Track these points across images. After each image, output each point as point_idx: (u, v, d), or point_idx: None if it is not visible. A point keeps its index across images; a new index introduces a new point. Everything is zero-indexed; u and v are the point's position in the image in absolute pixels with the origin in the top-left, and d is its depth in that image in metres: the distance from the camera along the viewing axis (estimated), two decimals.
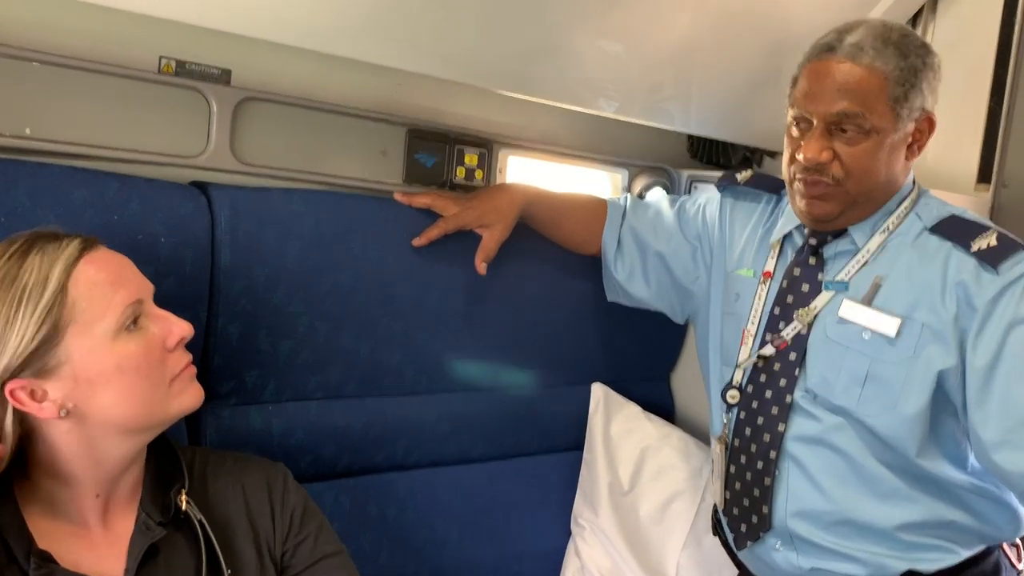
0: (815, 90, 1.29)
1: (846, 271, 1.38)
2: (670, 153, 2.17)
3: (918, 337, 1.30)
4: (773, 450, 1.40)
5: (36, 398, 0.94)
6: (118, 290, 0.97)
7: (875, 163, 1.30)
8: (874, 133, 1.28)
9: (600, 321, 1.88)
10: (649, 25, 1.65)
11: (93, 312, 0.95)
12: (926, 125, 1.34)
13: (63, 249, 0.96)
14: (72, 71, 1.29)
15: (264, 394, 1.47)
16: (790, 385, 1.39)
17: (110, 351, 0.96)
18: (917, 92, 1.29)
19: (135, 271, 1.03)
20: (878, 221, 1.38)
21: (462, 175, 1.72)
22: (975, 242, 1.29)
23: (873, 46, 1.27)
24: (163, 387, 1.01)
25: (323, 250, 1.47)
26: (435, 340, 1.64)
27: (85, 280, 0.95)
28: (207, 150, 1.43)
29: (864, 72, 1.26)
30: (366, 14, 1.37)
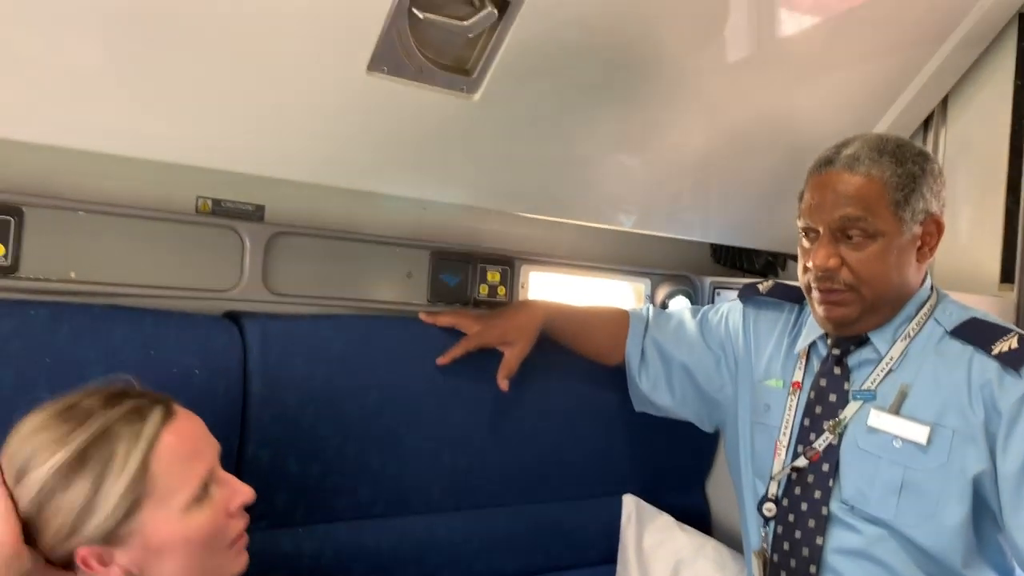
0: (818, 201, 1.35)
1: (871, 379, 1.39)
2: (693, 260, 2.21)
3: (950, 443, 1.29)
4: (813, 564, 1.38)
5: (103, 563, 0.96)
6: (195, 464, 1.01)
7: (884, 267, 1.33)
8: (879, 236, 1.32)
9: (629, 431, 1.89)
10: (665, 140, 1.72)
11: (171, 486, 0.98)
12: (934, 228, 1.38)
13: (147, 420, 0.98)
14: (114, 217, 1.39)
15: (294, 517, 1.50)
16: (825, 496, 1.38)
17: (181, 523, 0.98)
18: (918, 196, 1.33)
19: (208, 436, 1.06)
20: (899, 327, 1.39)
21: (485, 292, 1.78)
22: (996, 345, 1.30)
23: (869, 156, 1.34)
24: (221, 552, 1.04)
25: (350, 373, 1.52)
26: (462, 457, 1.66)
27: (166, 454, 0.98)
28: (241, 283, 1.51)
29: (862, 180, 1.32)
30: (389, 152, 1.46)
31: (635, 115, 1.64)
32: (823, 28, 1.62)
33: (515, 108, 1.49)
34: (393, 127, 1.41)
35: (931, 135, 1.97)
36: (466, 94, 1.41)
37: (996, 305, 1.77)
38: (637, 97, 1.59)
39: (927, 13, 1.74)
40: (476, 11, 1.30)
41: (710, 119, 1.73)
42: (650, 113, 1.64)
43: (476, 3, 1.31)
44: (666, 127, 1.69)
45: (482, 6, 1.30)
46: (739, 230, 2.05)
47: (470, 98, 1.41)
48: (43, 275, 1.32)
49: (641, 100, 1.60)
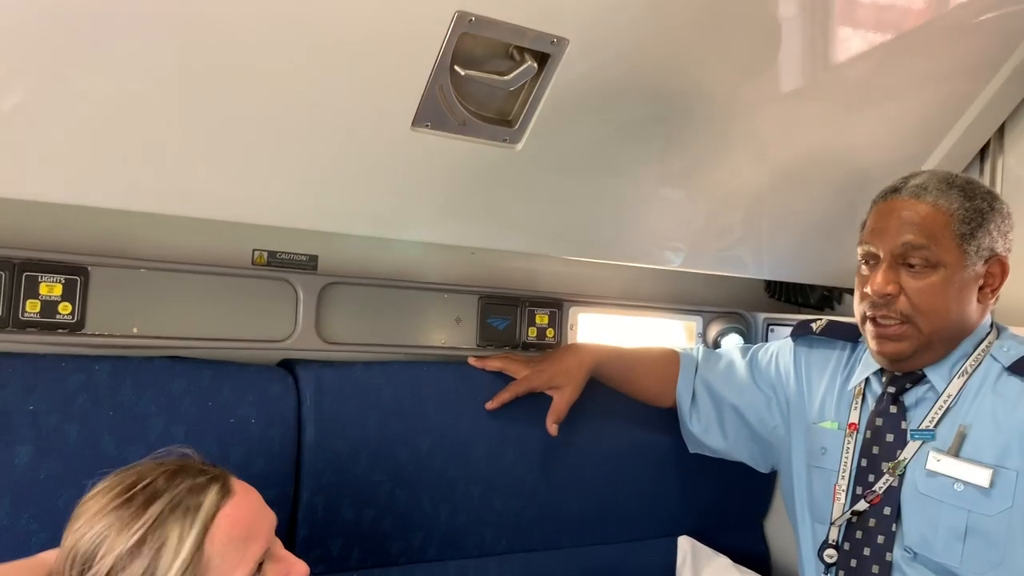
0: (881, 226, 1.35)
1: (930, 419, 1.36)
2: (746, 296, 2.19)
3: (1014, 485, 1.26)
4: None
5: None
6: (250, 545, 0.99)
7: (943, 299, 1.31)
8: (941, 267, 1.30)
9: (683, 470, 1.87)
10: (712, 175, 1.72)
11: (225, 569, 0.96)
12: (998, 269, 1.35)
13: (204, 500, 0.97)
14: (174, 272, 1.45)
15: (349, 562, 1.52)
16: (889, 542, 1.35)
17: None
18: (985, 233, 1.31)
19: (265, 512, 1.04)
20: (956, 364, 1.36)
21: (534, 335, 1.80)
22: None
23: (937, 187, 1.33)
24: None
25: (402, 419, 1.55)
26: (514, 500, 1.67)
27: (221, 537, 0.97)
28: (295, 332, 1.56)
29: (928, 208, 1.31)
30: (436, 203, 1.50)
31: (680, 152, 1.64)
32: (874, 58, 1.60)
33: (559, 154, 1.51)
34: (438, 179, 1.45)
35: (987, 166, 1.92)
36: (509, 144, 1.43)
37: None
38: (682, 133, 1.60)
39: (981, 40, 1.71)
40: (517, 65, 1.33)
41: (759, 153, 1.72)
42: (696, 149, 1.65)
43: (516, 57, 1.33)
44: (712, 163, 1.69)
45: (522, 60, 1.32)
46: (792, 265, 2.02)
47: (513, 148, 1.44)
48: (107, 331, 1.39)
49: (686, 136, 1.61)
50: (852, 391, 1.48)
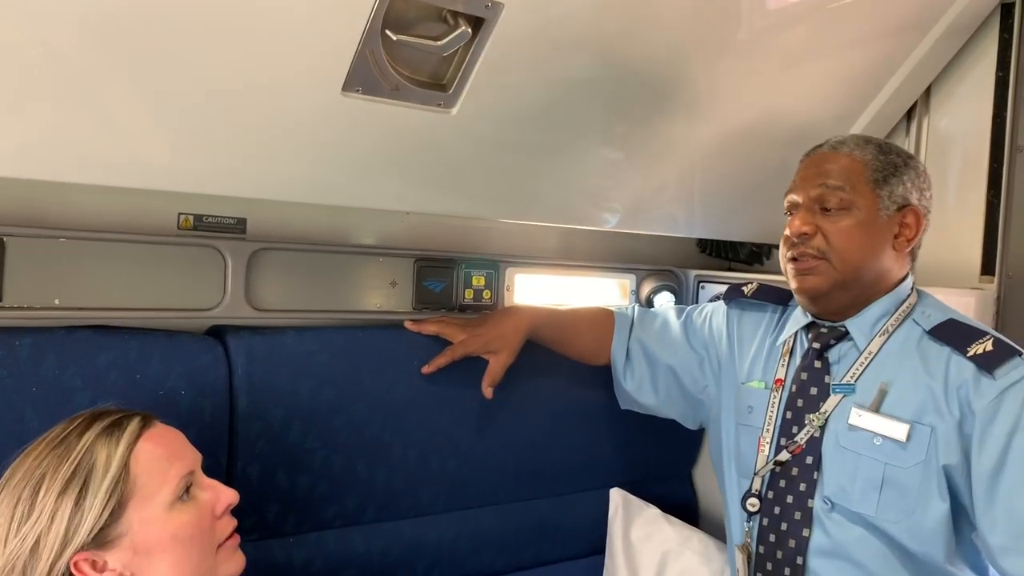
0: (803, 177, 1.45)
1: (851, 374, 1.42)
2: (678, 252, 2.22)
3: (928, 441, 1.32)
4: (800, 556, 1.41)
5: (97, 568, 1.00)
6: (173, 464, 1.06)
7: (857, 239, 1.38)
8: (855, 209, 1.38)
9: (615, 426, 1.91)
10: (647, 139, 1.72)
11: (152, 486, 1.03)
12: (912, 219, 1.41)
13: (125, 429, 1.04)
14: (96, 241, 1.40)
15: (285, 527, 1.53)
16: (810, 490, 1.41)
17: (167, 521, 1.03)
18: (899, 182, 1.39)
19: (187, 444, 1.11)
20: (877, 322, 1.42)
21: (471, 296, 1.80)
22: (972, 347, 1.33)
23: (855, 142, 1.43)
24: (211, 554, 1.09)
25: (336, 385, 1.54)
26: (449, 461, 1.69)
27: (145, 456, 1.03)
28: (224, 300, 1.52)
29: (846, 157, 1.42)
30: (369, 168, 1.47)
31: (615, 115, 1.64)
32: (805, 20, 1.61)
33: (495, 118, 1.49)
34: (371, 144, 1.42)
35: (914, 125, 1.97)
36: (444, 108, 1.41)
37: (977, 297, 1.78)
38: (617, 97, 1.59)
39: (911, 3, 1.73)
40: (450, 30, 1.30)
41: (694, 115, 1.72)
42: (631, 112, 1.64)
43: (450, 22, 1.30)
44: (647, 126, 1.69)
45: (456, 25, 1.29)
46: (723, 224, 2.06)
47: (448, 112, 1.42)
48: (27, 303, 1.34)
49: (621, 100, 1.60)
50: (780, 348, 1.53)
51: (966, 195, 1.88)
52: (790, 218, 1.44)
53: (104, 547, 1.00)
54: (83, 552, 0.99)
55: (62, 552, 0.97)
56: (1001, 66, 1.82)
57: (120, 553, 1.01)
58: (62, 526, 0.97)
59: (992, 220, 1.83)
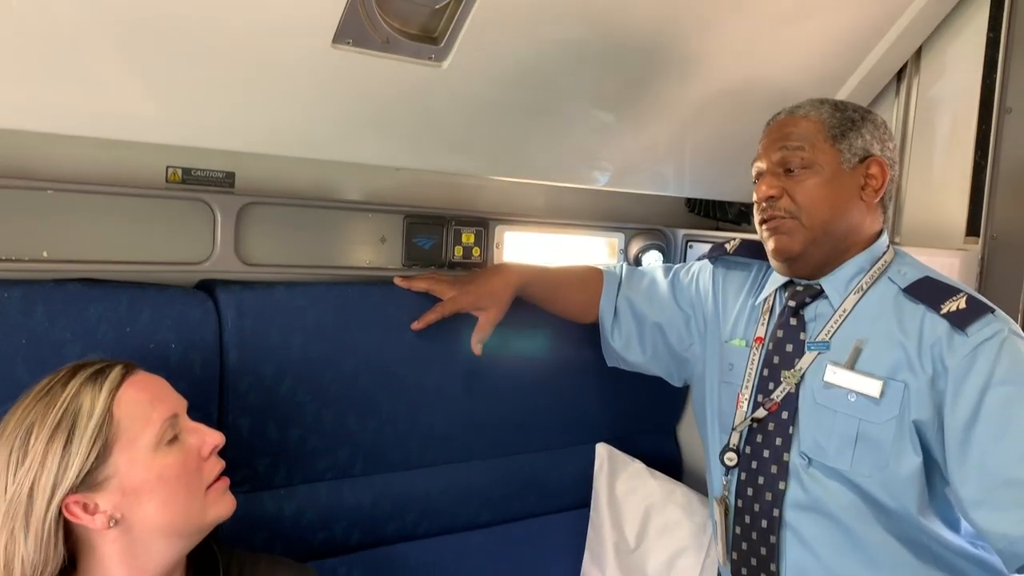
0: (764, 144, 1.48)
1: (826, 331, 1.44)
2: (667, 212, 2.23)
3: (901, 397, 1.34)
4: (776, 508, 1.44)
5: (89, 511, 1.04)
6: (156, 407, 1.08)
7: (822, 195, 1.41)
8: (817, 166, 1.41)
9: (602, 382, 1.93)
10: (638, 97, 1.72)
11: (135, 429, 1.06)
12: (877, 170, 1.43)
13: (107, 376, 1.07)
14: (84, 194, 1.39)
15: (275, 479, 1.55)
16: (786, 444, 1.44)
17: (152, 463, 1.06)
18: (857, 135, 1.42)
19: (170, 389, 1.14)
20: (851, 279, 1.44)
21: (460, 254, 1.80)
22: (945, 305, 1.35)
23: (811, 104, 1.47)
24: (200, 495, 1.11)
25: (326, 340, 1.55)
26: (438, 416, 1.71)
27: (127, 401, 1.06)
28: (213, 255, 1.52)
29: (802, 119, 1.45)
30: (359, 122, 1.46)
31: (607, 74, 1.63)
32: None
33: (486, 73, 1.48)
34: (361, 98, 1.41)
35: (904, 87, 1.97)
36: (435, 62, 1.40)
37: (961, 258, 1.80)
38: (608, 55, 1.58)
39: None
40: None
41: (683, 76, 1.72)
42: (621, 71, 1.63)
43: None
44: (638, 86, 1.69)
45: None
46: (712, 183, 2.06)
47: (439, 66, 1.41)
48: (15, 255, 1.33)
49: (612, 58, 1.59)
50: (760, 307, 1.55)
51: (954, 157, 1.89)
52: (757, 184, 1.47)
53: (94, 489, 1.03)
54: (74, 495, 1.02)
55: (54, 495, 1.00)
56: (992, 27, 1.82)
57: (109, 495, 1.04)
58: (52, 470, 1.00)
59: (979, 182, 1.84)
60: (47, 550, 1.01)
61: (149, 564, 1.09)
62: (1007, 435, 1.27)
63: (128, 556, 1.07)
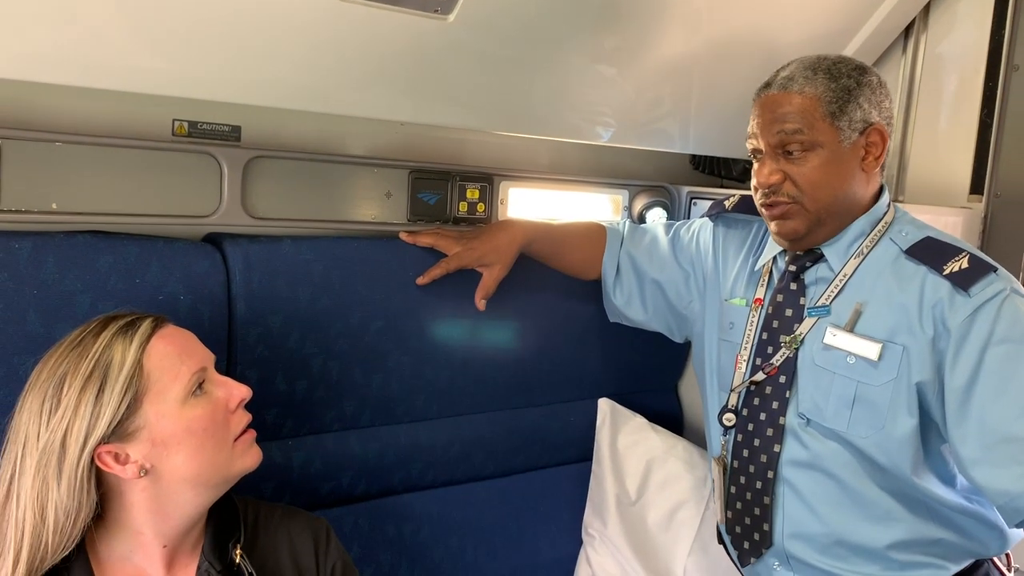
0: (759, 123, 1.42)
1: (826, 296, 1.44)
2: (672, 168, 2.23)
3: (899, 359, 1.36)
4: (771, 470, 1.47)
5: (120, 461, 1.06)
6: (185, 360, 1.10)
7: (825, 177, 1.38)
8: (817, 147, 1.37)
9: (605, 338, 1.95)
10: (643, 52, 1.71)
11: (164, 381, 1.07)
12: (877, 138, 1.40)
13: (138, 329, 1.08)
14: (92, 147, 1.39)
15: (283, 430, 1.57)
16: (782, 407, 1.46)
17: (180, 414, 1.08)
18: (855, 106, 1.37)
19: (198, 343, 1.15)
20: (852, 243, 1.44)
21: (464, 209, 1.80)
22: (947, 265, 1.34)
23: (803, 75, 1.38)
24: (227, 447, 1.14)
25: (332, 294, 1.56)
26: (443, 369, 1.73)
27: (157, 353, 1.08)
28: (220, 208, 1.53)
29: (796, 96, 1.38)
30: (364, 75, 1.46)
31: (612, 28, 1.62)
32: None
33: (491, 26, 1.47)
34: (367, 50, 1.41)
35: (911, 43, 1.96)
36: (441, 15, 1.40)
37: (965, 216, 1.81)
38: (614, 9, 1.57)
39: None
40: None
41: (688, 29, 1.71)
42: (628, 25, 1.63)
43: None
44: (644, 39, 1.68)
45: None
46: (717, 140, 2.05)
47: (445, 19, 1.40)
48: (24, 207, 1.34)
49: (618, 12, 1.59)
50: (760, 270, 1.56)
51: (959, 115, 1.89)
52: (756, 166, 1.43)
53: (125, 440, 1.05)
54: (106, 445, 1.04)
55: (86, 443, 1.02)
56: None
57: (140, 445, 1.06)
58: (85, 419, 1.02)
59: (984, 140, 1.84)
60: (80, 497, 1.03)
61: (175, 512, 1.11)
62: (1007, 392, 1.28)
63: (156, 504, 1.09)
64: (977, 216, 1.83)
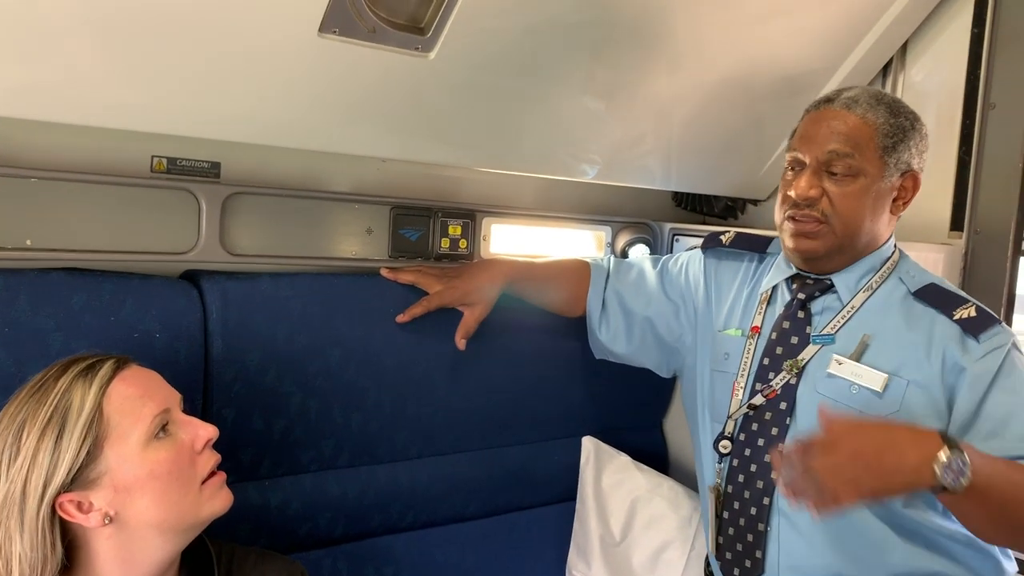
0: (810, 134, 1.42)
1: (832, 325, 1.45)
2: (654, 206, 2.23)
3: (903, 393, 1.36)
4: (767, 497, 1.45)
5: (83, 509, 1.03)
6: (147, 402, 1.07)
7: (861, 206, 1.39)
8: (862, 176, 1.38)
9: (589, 375, 1.94)
10: (627, 90, 1.72)
11: (125, 425, 1.04)
12: (911, 183, 1.44)
13: (98, 372, 1.05)
14: (68, 182, 1.38)
15: (260, 471, 1.54)
16: (781, 434, 1.45)
17: (143, 458, 1.05)
18: (905, 148, 1.40)
19: (162, 383, 1.13)
20: (862, 278, 1.45)
21: (447, 246, 1.79)
22: (957, 312, 1.38)
23: (868, 101, 1.40)
24: (194, 490, 1.10)
25: (311, 331, 1.54)
26: (424, 407, 1.70)
27: (118, 396, 1.05)
28: (198, 245, 1.51)
29: (857, 120, 1.39)
30: (345, 112, 1.46)
31: (595, 67, 1.63)
32: None
33: (472, 64, 1.48)
34: (347, 88, 1.41)
35: (890, 80, 1.97)
36: (422, 52, 1.40)
37: (946, 252, 1.81)
38: (596, 48, 1.58)
39: None
40: None
41: (671, 68, 1.72)
42: (610, 64, 1.64)
43: None
44: (625, 77, 1.69)
45: None
46: (699, 178, 2.07)
47: (426, 56, 1.41)
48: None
49: (601, 51, 1.59)
50: (759, 297, 1.56)
51: (938, 151, 1.89)
52: (794, 177, 1.42)
53: (87, 487, 1.02)
54: (67, 493, 1.01)
55: (45, 492, 0.99)
56: (977, 22, 1.83)
57: (103, 492, 1.03)
58: (44, 467, 0.99)
59: (963, 176, 1.85)
60: (44, 549, 1.00)
61: (144, 560, 1.08)
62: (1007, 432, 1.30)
63: (123, 553, 1.06)
64: (958, 252, 1.83)
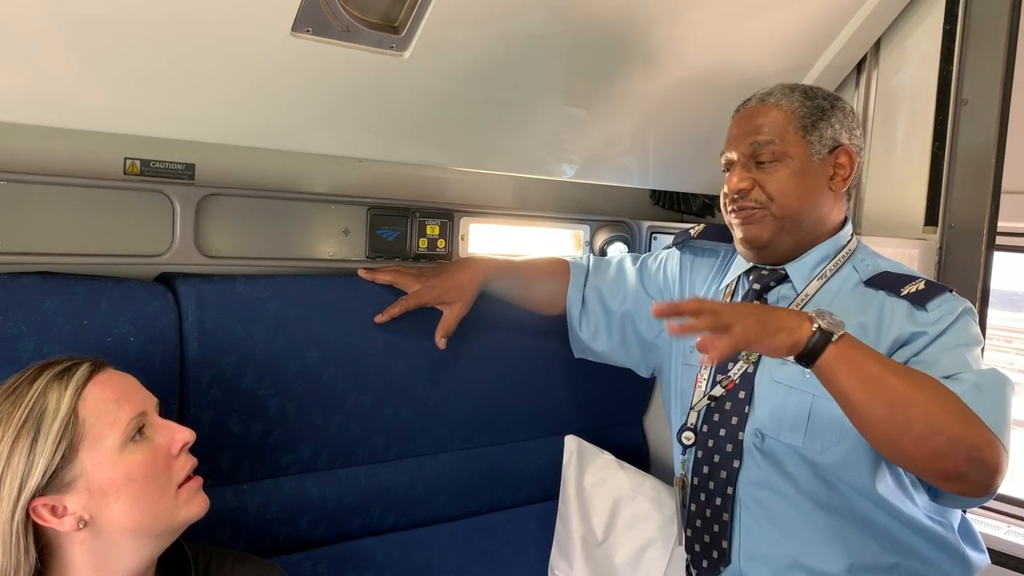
0: (734, 133, 1.48)
1: None
2: (632, 204, 2.24)
3: None
4: (730, 487, 1.46)
5: (57, 514, 1.02)
6: (123, 406, 1.06)
7: (794, 186, 1.42)
8: (788, 159, 1.42)
9: (570, 374, 1.94)
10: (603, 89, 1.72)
11: (100, 428, 1.03)
12: (846, 160, 1.45)
13: (73, 375, 1.05)
14: (40, 185, 1.36)
15: (238, 474, 1.53)
16: (741, 423, 1.46)
17: (118, 462, 1.04)
18: (827, 125, 1.43)
19: (138, 387, 1.12)
20: (816, 266, 1.47)
21: (424, 246, 1.79)
22: (905, 288, 1.39)
23: (781, 91, 1.47)
24: (170, 494, 1.09)
25: (288, 333, 1.53)
26: (403, 408, 1.70)
27: (93, 399, 1.04)
28: (172, 247, 1.50)
29: (772, 108, 1.45)
30: (319, 112, 1.45)
31: (571, 66, 1.63)
32: None
33: (447, 63, 1.47)
34: (322, 88, 1.40)
35: (863, 79, 1.99)
36: (396, 51, 1.39)
37: (920, 248, 1.83)
38: (571, 46, 1.58)
39: None
40: None
41: (647, 68, 1.72)
42: (586, 63, 1.64)
43: None
44: (603, 78, 1.69)
45: None
46: (676, 175, 2.07)
47: (400, 55, 1.40)
48: None
49: (576, 49, 1.59)
50: (723, 290, 1.57)
51: (912, 147, 1.91)
52: (728, 175, 1.47)
53: (62, 491, 1.01)
54: (41, 497, 1.00)
55: (20, 496, 0.98)
56: (949, 19, 1.85)
57: (77, 496, 1.02)
58: (19, 470, 0.99)
59: (936, 172, 1.87)
60: (17, 555, 0.99)
61: (119, 565, 1.07)
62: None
63: (98, 558, 1.05)
64: (932, 247, 1.85)
